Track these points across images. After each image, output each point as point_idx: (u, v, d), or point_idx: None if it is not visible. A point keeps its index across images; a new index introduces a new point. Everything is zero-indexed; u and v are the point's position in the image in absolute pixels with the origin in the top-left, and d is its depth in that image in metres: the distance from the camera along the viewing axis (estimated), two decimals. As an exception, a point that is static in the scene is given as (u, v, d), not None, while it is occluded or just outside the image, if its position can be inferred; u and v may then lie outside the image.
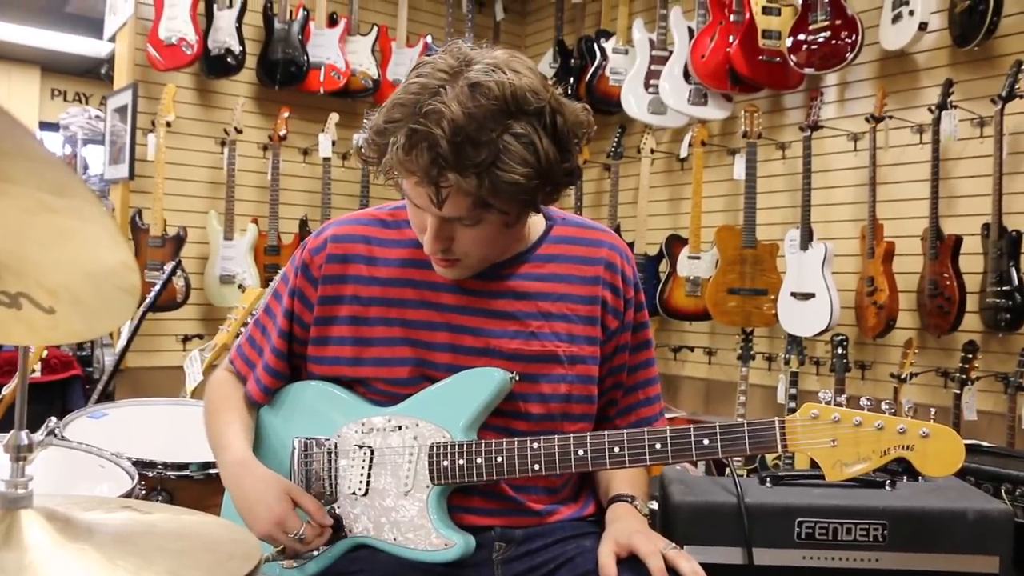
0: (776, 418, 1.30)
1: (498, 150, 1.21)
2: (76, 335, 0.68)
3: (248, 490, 1.40)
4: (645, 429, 1.35)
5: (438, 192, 1.24)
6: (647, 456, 1.33)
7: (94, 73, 7.87)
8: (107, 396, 3.38)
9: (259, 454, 1.50)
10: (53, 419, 0.83)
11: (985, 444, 2.54)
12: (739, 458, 3.12)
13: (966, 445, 1.27)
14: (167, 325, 4.35)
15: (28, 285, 0.64)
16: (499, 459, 1.36)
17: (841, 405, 1.29)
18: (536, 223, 1.49)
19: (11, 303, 0.66)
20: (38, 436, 0.79)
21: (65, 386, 3.85)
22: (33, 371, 2.98)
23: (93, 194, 0.58)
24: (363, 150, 1.33)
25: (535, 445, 1.35)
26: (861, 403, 1.29)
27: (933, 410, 1.30)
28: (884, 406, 1.28)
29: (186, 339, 4.42)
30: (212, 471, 1.99)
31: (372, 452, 1.43)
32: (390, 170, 1.29)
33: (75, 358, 4.17)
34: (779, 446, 1.29)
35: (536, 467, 1.35)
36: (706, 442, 1.31)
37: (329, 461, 1.45)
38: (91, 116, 5.62)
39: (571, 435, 1.36)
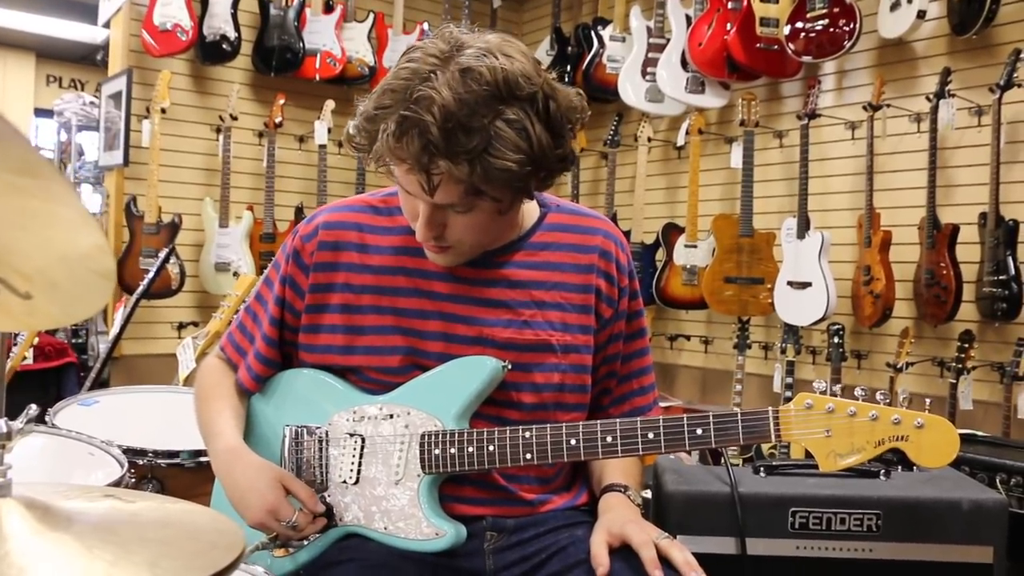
0: (770, 408, 1.28)
1: (490, 136, 1.19)
2: (54, 320, 0.67)
3: (239, 478, 1.39)
4: (638, 418, 1.33)
5: (429, 179, 1.23)
6: (640, 446, 1.32)
7: (89, 59, 7.83)
8: (102, 383, 3.38)
9: (250, 442, 1.48)
10: (33, 406, 0.82)
11: (980, 434, 2.54)
12: (734, 448, 3.12)
13: (961, 435, 1.26)
14: (162, 312, 4.34)
15: (3, 270, 0.63)
16: (491, 448, 1.35)
17: (836, 395, 1.28)
18: (530, 210, 1.47)
19: (-13, 288, 0.65)
20: (17, 424, 0.78)
21: (60, 373, 3.85)
22: (25, 358, 2.96)
23: (60, 174, 0.57)
24: (354, 137, 1.31)
25: (527, 434, 1.34)
26: (856, 393, 1.28)
27: (928, 400, 1.28)
28: (879, 396, 1.26)
29: (181, 326, 4.41)
30: (203, 459, 1.97)
31: (363, 440, 1.42)
32: (381, 157, 1.27)
33: (70, 345, 4.16)
34: (772, 436, 1.28)
35: (528, 456, 1.34)
36: (699, 432, 1.30)
37: (320, 449, 1.44)
38: (85, 102, 5.59)
39: (563, 424, 1.35)
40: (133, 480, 1.84)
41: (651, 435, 1.31)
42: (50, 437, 1.92)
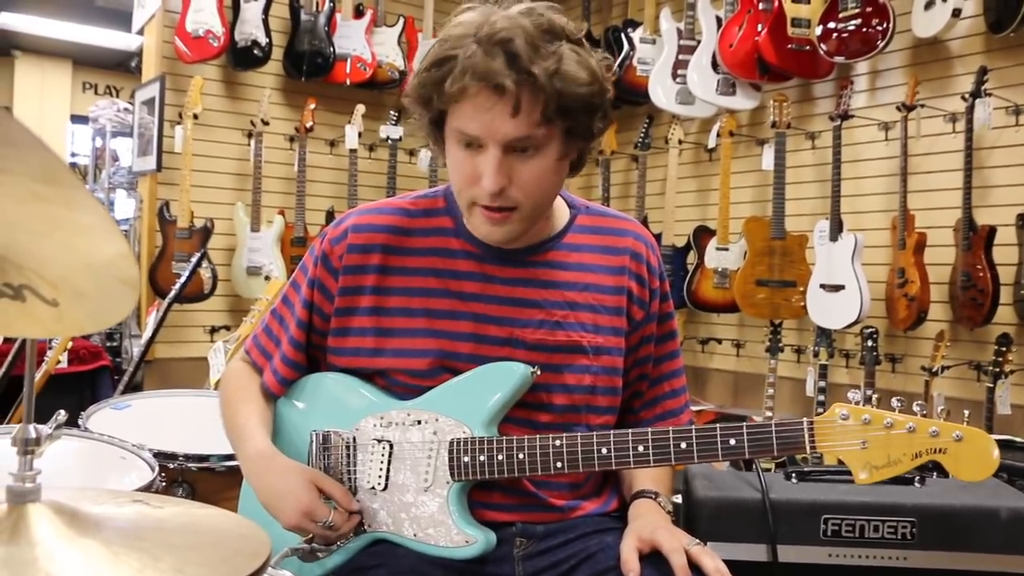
0: (804, 419, 1.26)
1: (560, 58, 1.24)
2: (81, 327, 0.67)
3: (273, 481, 1.40)
4: (670, 428, 1.31)
5: (515, 95, 1.23)
6: (672, 455, 1.30)
7: (124, 66, 7.96)
8: (135, 387, 3.42)
9: (276, 446, 1.48)
10: (62, 412, 0.83)
11: (1019, 440, 2.49)
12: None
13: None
14: (195, 316, 4.38)
15: (30, 277, 0.63)
16: (521, 456, 1.34)
17: (871, 400, 1.26)
18: (561, 212, 1.47)
19: (15, 295, 0.65)
20: (46, 429, 0.78)
21: (94, 376, 3.88)
22: (59, 362, 3.00)
23: (81, 182, 0.57)
24: (421, 86, 1.31)
25: (557, 442, 1.33)
26: (892, 403, 1.25)
27: (967, 412, 1.25)
28: (916, 407, 1.24)
29: (213, 330, 4.45)
30: (233, 463, 1.98)
31: (391, 446, 1.41)
32: (465, 76, 1.24)
33: (104, 349, 4.21)
34: (807, 447, 1.26)
35: (559, 465, 1.33)
36: (732, 442, 1.28)
37: (347, 455, 1.44)
38: (120, 109, 5.67)
39: (595, 433, 1.33)
40: (164, 484, 1.85)
41: (683, 445, 1.29)
42: (83, 441, 1.94)
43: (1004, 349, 3.08)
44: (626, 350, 1.46)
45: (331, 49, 4.44)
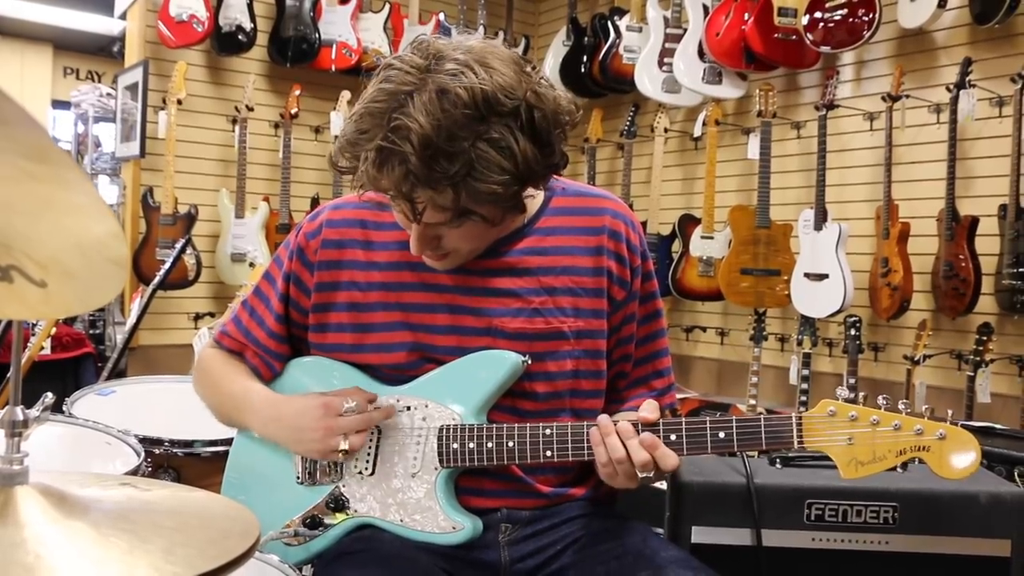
0: (793, 414, 1.28)
1: (472, 159, 1.17)
2: (69, 308, 0.67)
3: (289, 410, 1.40)
4: (660, 420, 1.31)
5: (413, 207, 1.22)
6: None
7: (106, 51, 7.88)
8: (119, 373, 3.40)
9: None
10: (49, 395, 0.82)
11: (998, 426, 2.52)
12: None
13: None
14: (179, 303, 4.36)
15: (18, 258, 0.63)
16: (510, 444, 1.34)
17: (855, 389, 1.27)
18: (534, 197, 1.45)
19: (2, 276, 0.65)
20: (33, 412, 0.78)
21: (78, 363, 3.86)
22: (43, 348, 2.98)
23: (74, 162, 0.57)
24: (337, 161, 1.29)
25: (547, 431, 1.33)
26: (879, 401, 1.27)
27: (951, 411, 1.27)
28: (901, 405, 1.26)
29: (197, 317, 4.43)
30: (218, 448, 1.99)
31: (380, 432, 1.41)
32: (364, 184, 1.25)
33: (88, 336, 4.18)
34: (795, 442, 1.27)
35: (548, 453, 1.33)
36: (722, 435, 1.29)
37: (335, 439, 1.44)
38: (102, 94, 5.62)
39: (585, 422, 1.33)
40: (150, 469, 1.85)
41: (672, 437, 1.29)
42: (68, 426, 1.94)
43: (985, 338, 3.12)
44: (609, 331, 1.45)
45: (316, 35, 4.41)
